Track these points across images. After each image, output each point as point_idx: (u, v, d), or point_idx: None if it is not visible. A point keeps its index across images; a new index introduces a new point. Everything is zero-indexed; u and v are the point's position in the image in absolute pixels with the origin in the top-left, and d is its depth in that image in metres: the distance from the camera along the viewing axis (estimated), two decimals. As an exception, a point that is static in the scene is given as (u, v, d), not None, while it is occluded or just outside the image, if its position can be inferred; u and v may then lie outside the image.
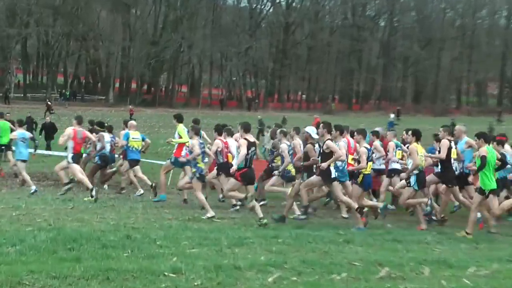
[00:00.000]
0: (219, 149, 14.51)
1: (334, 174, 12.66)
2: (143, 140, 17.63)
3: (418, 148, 13.25)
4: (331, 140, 12.75)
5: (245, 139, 13.22)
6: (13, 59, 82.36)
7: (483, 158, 12.29)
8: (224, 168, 14.40)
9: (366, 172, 13.52)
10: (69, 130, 16.02)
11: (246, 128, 13.48)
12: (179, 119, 16.45)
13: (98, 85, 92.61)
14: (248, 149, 13.03)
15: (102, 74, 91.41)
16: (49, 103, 55.91)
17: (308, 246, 10.43)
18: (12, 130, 19.02)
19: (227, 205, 15.31)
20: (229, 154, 14.67)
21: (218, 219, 13.15)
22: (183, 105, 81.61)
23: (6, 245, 9.22)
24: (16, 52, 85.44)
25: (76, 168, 15.87)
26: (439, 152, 13.63)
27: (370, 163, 13.72)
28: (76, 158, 16.01)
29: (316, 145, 13.34)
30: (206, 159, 15.78)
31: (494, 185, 12.50)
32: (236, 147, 14.05)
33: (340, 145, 12.92)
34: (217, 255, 9.37)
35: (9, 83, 78.41)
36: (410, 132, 13.73)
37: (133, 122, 18.06)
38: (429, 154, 14.21)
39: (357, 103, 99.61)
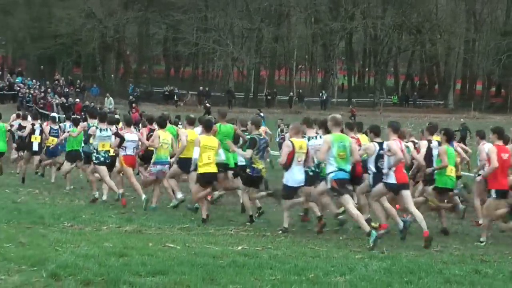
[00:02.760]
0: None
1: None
2: None
3: None
4: None
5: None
6: (336, 58, 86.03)
7: None
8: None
9: None
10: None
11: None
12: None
13: (435, 87, 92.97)
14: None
15: (440, 73, 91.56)
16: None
17: None
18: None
19: None
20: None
21: None
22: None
23: (334, 273, 9.71)
24: (339, 50, 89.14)
25: None
26: None
27: None
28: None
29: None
30: None
31: None
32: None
33: None
34: None
35: (332, 86, 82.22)
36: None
37: None
38: None
39: None
